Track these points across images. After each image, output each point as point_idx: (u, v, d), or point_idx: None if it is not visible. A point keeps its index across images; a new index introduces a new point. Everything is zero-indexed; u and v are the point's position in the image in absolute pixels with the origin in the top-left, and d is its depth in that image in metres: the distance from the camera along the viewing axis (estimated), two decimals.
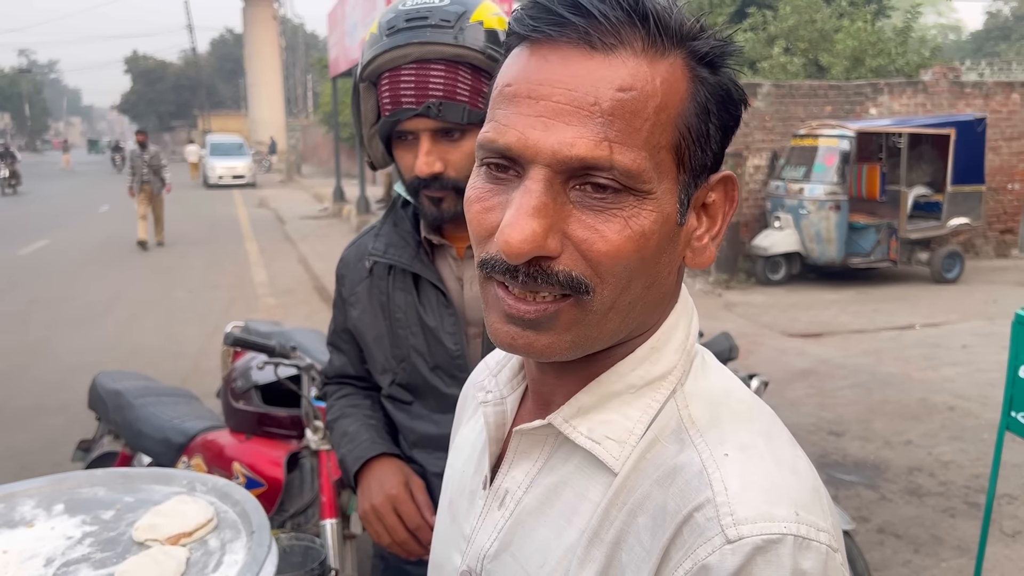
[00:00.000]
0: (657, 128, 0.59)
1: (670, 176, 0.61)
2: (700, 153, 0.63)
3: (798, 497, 0.59)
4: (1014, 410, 2.51)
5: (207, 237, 14.67)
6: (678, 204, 0.63)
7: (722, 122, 0.64)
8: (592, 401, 0.67)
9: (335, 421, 1.57)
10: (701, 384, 0.68)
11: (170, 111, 63.35)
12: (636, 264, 0.61)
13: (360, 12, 13.22)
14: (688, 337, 0.70)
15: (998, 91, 11.40)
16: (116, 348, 6.94)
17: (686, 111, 0.61)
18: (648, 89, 0.59)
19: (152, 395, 2.97)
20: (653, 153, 0.59)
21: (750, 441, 0.63)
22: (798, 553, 0.57)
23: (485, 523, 0.74)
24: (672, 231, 0.63)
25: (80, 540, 1.38)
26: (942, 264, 9.70)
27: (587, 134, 0.58)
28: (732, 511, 0.58)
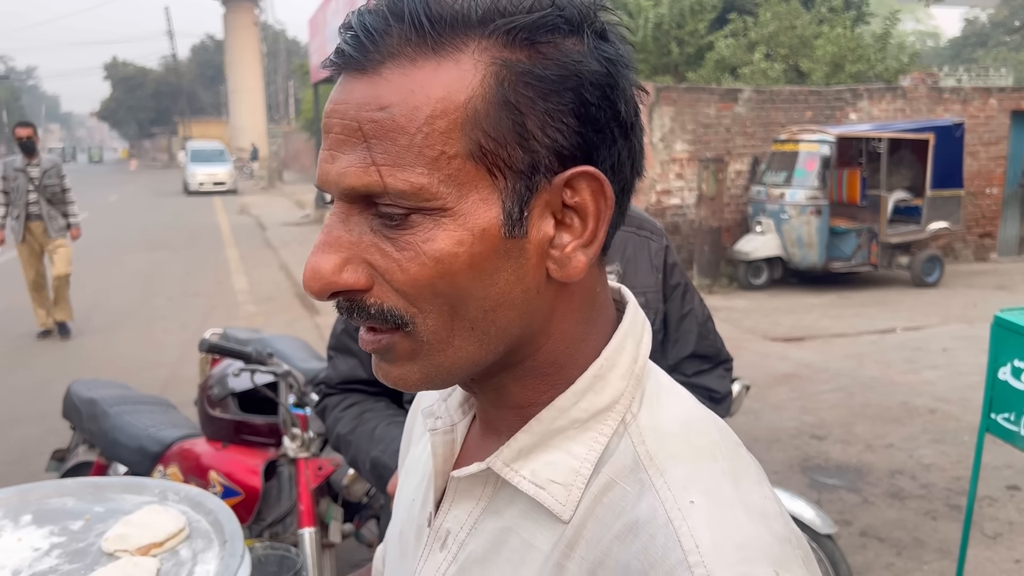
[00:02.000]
0: (434, 139, 0.53)
1: (480, 185, 0.54)
2: (521, 153, 0.54)
3: (774, 554, 0.54)
4: (994, 412, 2.52)
5: (187, 244, 14.57)
6: (502, 215, 0.55)
7: (560, 108, 0.55)
8: (533, 440, 0.61)
9: (352, 431, 1.46)
10: (657, 415, 0.61)
11: (150, 118, 62.96)
12: (448, 289, 0.55)
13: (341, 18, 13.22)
14: (636, 360, 0.63)
15: (976, 96, 11.52)
16: (94, 357, 6.85)
17: (479, 111, 0.53)
18: (412, 100, 0.53)
19: (128, 403, 2.92)
20: (438, 166, 0.53)
21: (715, 485, 0.57)
22: None
23: (427, 565, 0.68)
24: (498, 246, 0.55)
25: (48, 552, 1.35)
26: (922, 268, 9.78)
27: (355, 161, 0.54)
28: (707, 568, 0.52)
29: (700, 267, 9.83)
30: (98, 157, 69.58)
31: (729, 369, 1.58)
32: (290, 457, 2.33)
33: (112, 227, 17.46)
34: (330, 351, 1.58)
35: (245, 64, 44.70)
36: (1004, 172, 11.73)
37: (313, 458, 2.34)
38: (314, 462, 2.33)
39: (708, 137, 10.46)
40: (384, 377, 0.61)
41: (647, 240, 1.44)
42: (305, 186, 26.37)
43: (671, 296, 1.46)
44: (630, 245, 1.41)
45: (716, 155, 10.35)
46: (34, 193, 7.29)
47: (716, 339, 1.54)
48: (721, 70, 14.11)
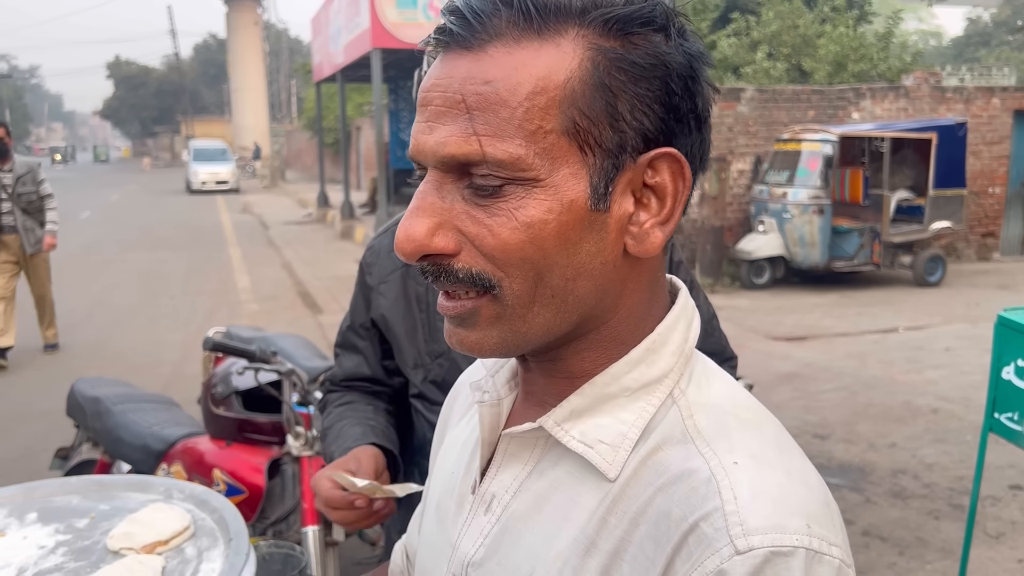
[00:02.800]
0: (534, 113, 0.57)
1: (571, 160, 0.58)
2: (611, 133, 0.59)
3: (810, 510, 0.57)
4: (997, 412, 2.52)
5: (190, 243, 14.57)
6: (589, 189, 0.59)
7: (647, 94, 0.59)
8: (585, 404, 0.64)
9: (329, 428, 1.47)
10: (705, 392, 0.65)
11: (153, 117, 63.04)
12: (536, 255, 0.59)
13: (344, 17, 13.20)
14: (686, 340, 0.67)
15: (979, 96, 11.51)
16: (97, 355, 6.86)
17: (576, 91, 0.58)
18: (516, 77, 0.57)
19: (131, 402, 2.93)
20: (535, 140, 0.57)
21: (760, 451, 0.60)
22: (811, 566, 0.54)
23: (470, 529, 0.71)
24: (583, 218, 0.59)
25: (53, 549, 1.35)
26: (925, 268, 9.77)
27: (456, 131, 0.58)
28: (742, 520, 0.55)
29: (703, 266, 9.82)
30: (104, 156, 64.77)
31: (734, 367, 1.58)
32: (294, 455, 2.33)
33: (114, 226, 17.48)
34: (336, 348, 1.57)
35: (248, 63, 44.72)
36: (1007, 171, 11.72)
37: (317, 456, 2.34)
38: (318, 460, 2.33)
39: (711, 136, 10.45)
40: (460, 343, 0.64)
41: None
42: (307, 185, 26.40)
43: None
44: None
45: (719, 154, 10.34)
46: (7, 202, 6.38)
47: (720, 336, 1.55)
48: (724, 69, 14.10)
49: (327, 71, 15.87)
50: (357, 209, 16.31)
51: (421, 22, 10.93)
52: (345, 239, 14.21)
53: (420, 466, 1.45)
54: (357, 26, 11.97)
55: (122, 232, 16.19)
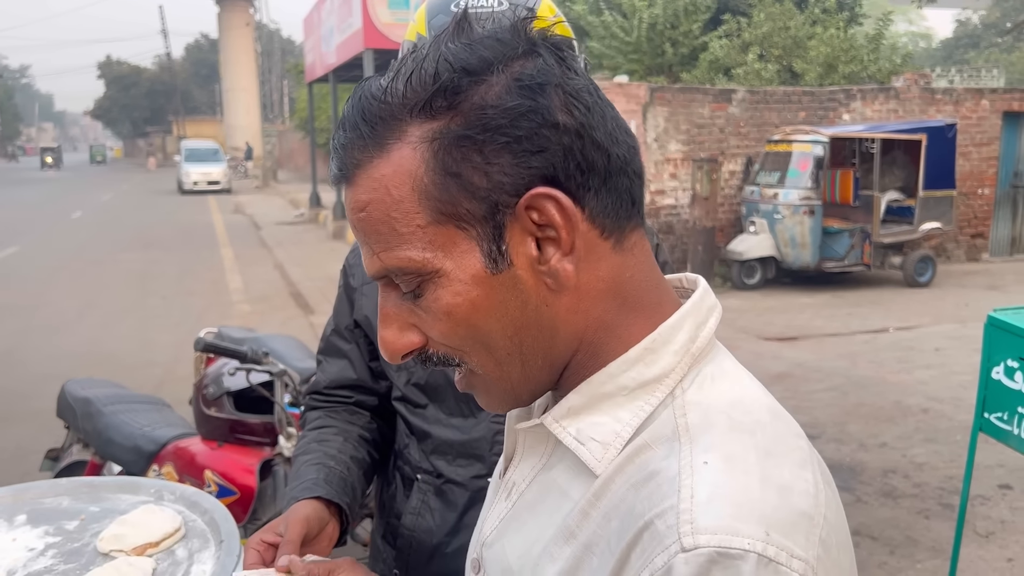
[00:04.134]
0: (403, 219, 0.61)
1: (456, 241, 0.61)
2: (475, 204, 0.60)
3: (776, 518, 0.55)
4: (987, 411, 2.53)
5: (181, 243, 14.53)
6: (483, 257, 0.61)
7: (500, 146, 0.60)
8: (582, 401, 0.66)
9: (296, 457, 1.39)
10: (707, 392, 0.64)
11: (144, 117, 62.70)
12: (470, 332, 0.63)
13: (336, 17, 13.18)
14: (694, 340, 0.66)
15: (968, 97, 11.56)
16: (88, 356, 6.83)
17: (427, 184, 0.60)
18: (376, 197, 0.62)
19: (122, 402, 2.92)
20: (416, 239, 0.61)
21: (740, 453, 0.59)
22: (760, 572, 0.53)
23: (492, 512, 0.76)
24: (491, 283, 0.62)
25: (43, 552, 1.34)
26: (915, 268, 9.82)
27: (367, 255, 0.65)
28: (692, 519, 0.54)
29: (694, 267, 9.84)
30: (101, 156, 60.51)
31: None
32: (285, 456, 2.33)
33: (106, 226, 17.40)
34: (319, 356, 1.51)
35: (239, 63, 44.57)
36: (996, 173, 11.78)
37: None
38: None
39: (702, 137, 10.48)
40: (479, 404, 0.71)
41: None
42: (299, 185, 26.33)
43: None
44: None
45: (710, 155, 10.36)
46: None
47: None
48: (715, 71, 14.14)
49: (319, 71, 15.84)
50: None
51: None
52: (337, 239, 14.18)
53: (402, 471, 1.42)
54: (349, 26, 11.95)
55: (114, 232, 16.14)
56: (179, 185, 28.58)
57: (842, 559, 0.59)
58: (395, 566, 1.40)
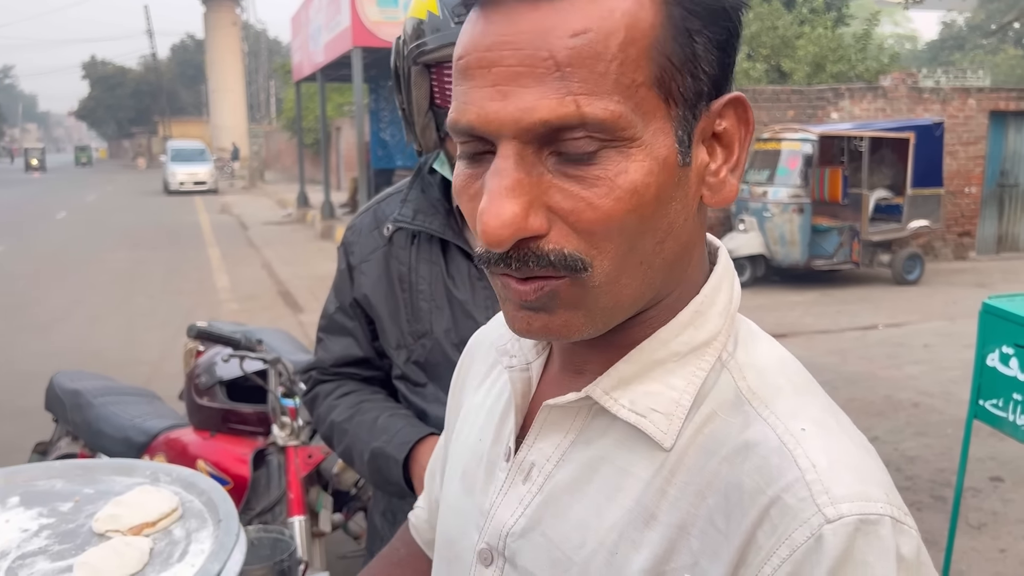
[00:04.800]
0: (627, 66, 0.52)
1: (659, 114, 0.54)
2: (691, 80, 0.55)
3: (883, 480, 0.56)
4: (982, 399, 2.54)
5: (168, 243, 14.43)
6: (676, 143, 0.55)
7: (714, 37, 0.56)
8: (633, 371, 0.61)
9: (349, 419, 1.39)
10: (753, 354, 0.62)
11: (130, 117, 62.34)
12: (635, 224, 0.54)
13: (324, 16, 13.14)
14: (731, 301, 0.64)
15: (955, 96, 11.64)
16: (74, 354, 6.77)
17: (661, 37, 0.53)
18: (606, 26, 0.52)
19: (112, 394, 2.88)
20: (629, 95, 0.52)
21: (821, 417, 0.58)
22: (898, 535, 0.53)
23: (507, 498, 0.67)
24: (675, 175, 0.56)
25: (37, 532, 1.32)
26: (903, 266, 9.87)
27: (548, 93, 0.52)
28: (826, 489, 0.53)
29: None
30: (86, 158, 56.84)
31: None
32: (279, 445, 2.30)
33: (91, 226, 17.28)
34: (320, 333, 1.48)
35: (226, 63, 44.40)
36: (983, 171, 11.87)
37: (303, 446, 2.32)
38: (304, 450, 2.31)
39: None
40: (544, 328, 0.58)
41: None
42: (286, 186, 26.24)
43: None
44: None
45: None
46: None
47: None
48: None
49: (307, 70, 15.78)
50: (337, 209, 16.23)
51: (402, 21, 10.90)
52: (325, 239, 14.13)
53: None
54: (338, 24, 11.92)
55: (99, 232, 16.02)
56: (165, 186, 28.42)
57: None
58: None
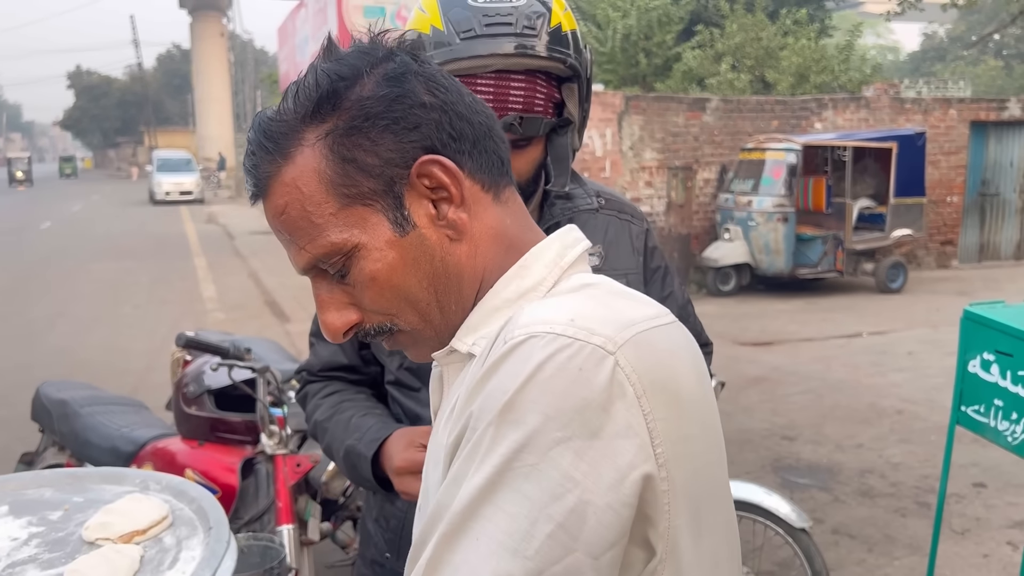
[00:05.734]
0: (319, 209, 0.72)
1: (368, 215, 0.73)
2: (373, 181, 0.72)
3: (586, 313, 0.67)
4: (964, 405, 2.57)
5: (154, 253, 14.36)
6: (391, 224, 0.73)
7: (380, 130, 0.72)
8: (477, 318, 0.77)
9: (329, 418, 1.43)
10: (574, 280, 0.76)
11: (115, 127, 62.00)
12: (393, 292, 0.74)
13: (311, 27, 13.16)
14: (562, 256, 0.78)
15: (936, 107, 11.77)
16: (59, 364, 6.72)
17: (330, 174, 0.72)
18: (291, 198, 0.73)
19: (99, 404, 2.87)
20: (333, 224, 0.72)
21: (575, 296, 0.73)
22: (555, 343, 0.64)
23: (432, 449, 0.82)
24: (403, 244, 0.73)
25: (26, 541, 1.32)
26: (887, 274, 9.95)
27: (293, 252, 0.75)
28: (522, 320, 0.68)
29: None
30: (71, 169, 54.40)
31: (710, 352, 1.59)
32: (268, 454, 2.30)
33: (77, 236, 17.17)
34: (312, 338, 1.54)
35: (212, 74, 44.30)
36: (964, 181, 11.99)
37: (291, 455, 2.32)
38: (292, 458, 2.31)
39: (677, 146, 10.57)
40: (416, 358, 0.82)
41: (628, 223, 1.45)
42: None
43: (651, 279, 1.47)
44: (612, 228, 1.41)
45: (685, 163, 10.46)
46: None
47: (696, 322, 1.55)
48: (688, 80, 14.28)
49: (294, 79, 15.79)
50: None
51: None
52: None
53: None
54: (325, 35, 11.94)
55: (84, 243, 15.92)
56: (151, 196, 28.27)
57: (677, 385, 0.68)
58: (387, 549, 1.40)
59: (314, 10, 12.75)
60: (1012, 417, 2.43)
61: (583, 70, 1.30)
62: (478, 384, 0.67)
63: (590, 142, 9.80)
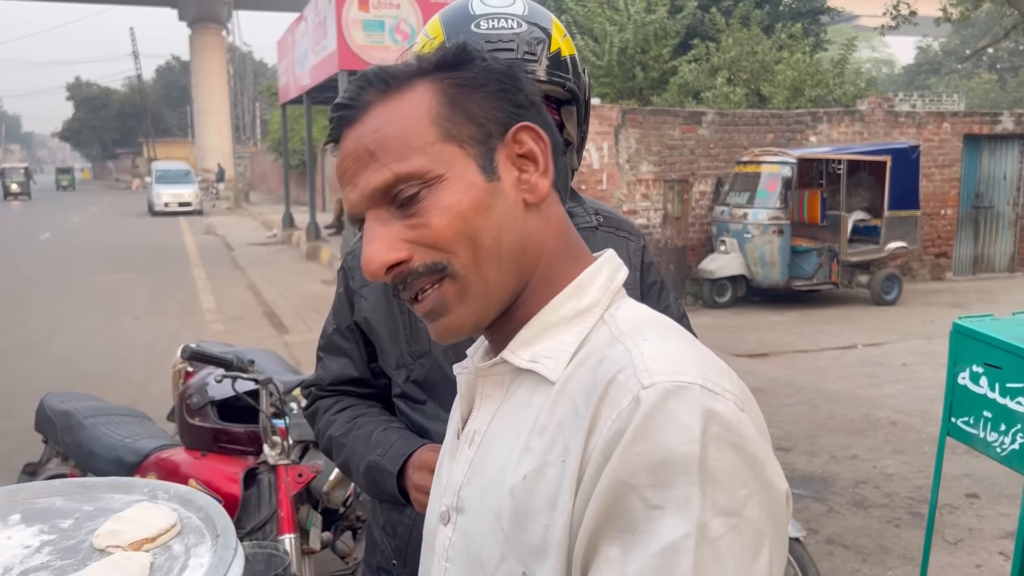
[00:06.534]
0: (417, 135, 0.76)
1: (458, 156, 0.76)
2: (475, 128, 0.77)
3: (706, 365, 0.70)
4: (954, 416, 2.61)
5: (153, 264, 14.39)
6: (479, 169, 0.77)
7: (490, 93, 0.79)
8: (531, 334, 0.79)
9: (346, 434, 1.45)
10: (629, 312, 0.80)
11: (114, 138, 62.11)
12: (463, 227, 0.75)
13: (311, 40, 13.23)
14: (612, 280, 0.82)
15: (930, 120, 11.86)
16: (60, 375, 6.75)
17: (440, 111, 0.77)
18: (394, 119, 0.77)
19: (103, 415, 2.91)
20: (425, 152, 0.75)
21: (669, 335, 0.75)
22: (707, 397, 0.66)
23: (458, 463, 0.84)
24: (486, 188, 0.77)
25: (39, 549, 1.35)
26: (881, 286, 10.00)
27: (371, 171, 0.76)
28: (647, 367, 0.68)
29: None
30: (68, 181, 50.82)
31: None
32: (270, 464, 2.34)
33: (76, 247, 17.20)
34: (320, 352, 1.55)
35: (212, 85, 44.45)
36: (958, 194, 12.06)
37: (293, 465, 2.36)
38: (294, 469, 2.35)
39: (673, 159, 10.64)
40: (444, 330, 0.80)
41: (626, 240, 1.50)
42: (272, 207, 26.22)
43: (648, 293, 1.51)
44: (610, 245, 1.45)
45: (681, 176, 10.52)
46: None
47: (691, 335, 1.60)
48: (685, 94, 14.36)
49: (293, 93, 15.84)
50: (323, 230, 16.25)
51: (388, 45, 11.01)
52: (311, 260, 14.15)
53: None
54: (324, 48, 12.00)
55: (84, 254, 15.95)
56: (150, 207, 28.30)
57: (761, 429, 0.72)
58: (393, 557, 1.43)
59: (314, 23, 12.83)
60: (1001, 428, 2.47)
61: (581, 93, 1.35)
62: (621, 441, 0.65)
63: (587, 155, 9.86)
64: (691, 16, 15.04)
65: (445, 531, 0.83)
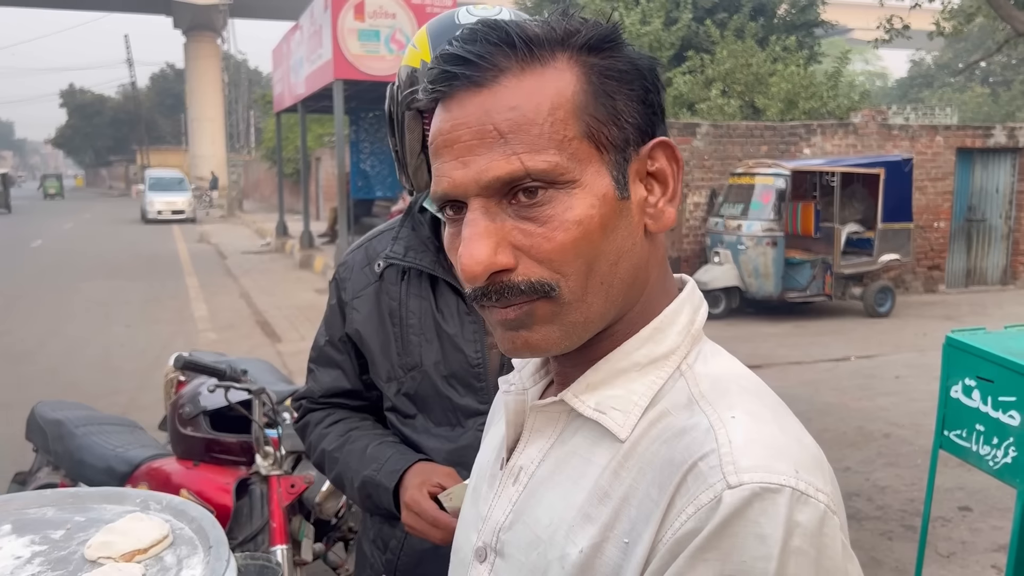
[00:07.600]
0: (557, 125, 0.65)
1: (593, 160, 0.66)
2: (617, 131, 0.67)
3: (800, 458, 0.63)
4: (947, 429, 2.62)
5: (146, 272, 14.35)
6: (613, 181, 0.67)
7: (635, 94, 0.69)
8: (599, 378, 0.71)
9: (339, 448, 1.44)
10: (711, 366, 0.71)
11: (108, 146, 62.05)
12: (588, 247, 0.66)
13: (306, 49, 13.25)
14: (693, 322, 0.74)
15: (923, 133, 11.93)
16: (50, 384, 6.71)
17: (584, 101, 0.66)
18: (535, 98, 0.65)
19: (94, 424, 2.89)
20: (563, 147, 0.65)
21: (757, 410, 0.66)
22: (795, 504, 0.59)
23: (500, 499, 0.77)
24: (616, 206, 0.67)
25: (29, 560, 1.34)
26: (875, 298, 10.04)
27: (497, 156, 0.65)
28: (734, 460, 0.61)
29: None
30: (55, 189, 46.52)
31: None
32: (262, 475, 2.33)
33: (67, 254, 17.14)
34: (311, 364, 1.54)
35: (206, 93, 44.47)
36: (951, 207, 12.12)
37: (285, 475, 2.35)
38: (287, 479, 2.34)
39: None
40: (525, 344, 0.69)
41: None
42: (265, 215, 26.20)
43: None
44: None
45: None
46: None
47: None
48: (679, 106, 14.42)
49: (288, 101, 15.87)
50: (317, 239, 16.24)
51: (383, 55, 11.05)
52: (304, 268, 14.13)
53: None
54: (319, 57, 12.03)
55: (76, 261, 15.89)
56: (143, 214, 28.25)
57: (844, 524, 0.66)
58: (384, 570, 1.43)
59: (309, 32, 12.85)
60: (993, 442, 2.48)
61: None
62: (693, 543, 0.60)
63: None
64: (686, 28, 15.13)
65: (481, 569, 0.77)
